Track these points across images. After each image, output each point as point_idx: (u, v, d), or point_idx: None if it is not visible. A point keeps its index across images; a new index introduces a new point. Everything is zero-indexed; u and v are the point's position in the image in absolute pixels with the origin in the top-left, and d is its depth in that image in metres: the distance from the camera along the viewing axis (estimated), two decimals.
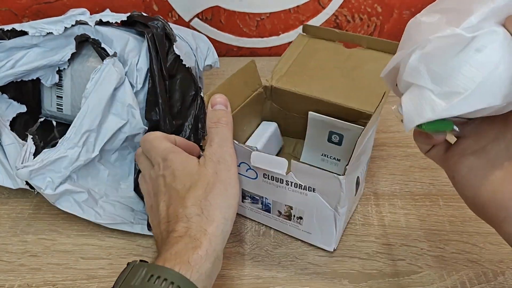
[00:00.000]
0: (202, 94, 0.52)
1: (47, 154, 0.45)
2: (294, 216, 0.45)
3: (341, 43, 0.55)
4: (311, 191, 0.41)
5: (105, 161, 0.51)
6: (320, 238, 0.45)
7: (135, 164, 0.51)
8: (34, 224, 0.50)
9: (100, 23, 0.52)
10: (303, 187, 0.41)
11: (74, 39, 0.50)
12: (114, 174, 0.51)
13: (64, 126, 0.56)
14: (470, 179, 0.32)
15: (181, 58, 0.50)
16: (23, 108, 0.54)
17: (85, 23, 0.51)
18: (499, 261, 0.45)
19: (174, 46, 0.51)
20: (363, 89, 0.50)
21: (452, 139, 0.34)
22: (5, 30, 0.50)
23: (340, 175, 0.39)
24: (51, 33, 0.49)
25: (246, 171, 0.43)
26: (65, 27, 0.50)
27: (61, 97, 0.54)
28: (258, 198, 0.46)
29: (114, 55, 0.48)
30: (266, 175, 0.43)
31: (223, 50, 0.79)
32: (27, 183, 0.47)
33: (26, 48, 0.50)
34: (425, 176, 0.55)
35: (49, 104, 0.55)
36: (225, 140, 0.38)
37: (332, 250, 0.45)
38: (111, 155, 0.51)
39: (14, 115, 0.53)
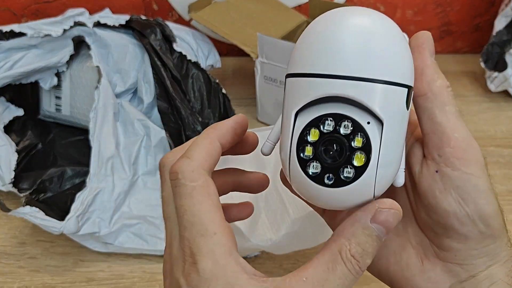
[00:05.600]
0: (223, 91, 0.51)
1: (82, 197, 0.43)
2: None
3: None
4: None
5: (152, 185, 0.48)
6: None
7: None
8: (33, 226, 0.49)
9: (98, 24, 0.51)
10: None
11: (72, 40, 0.50)
12: None
13: (62, 127, 0.56)
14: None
15: (184, 54, 0.50)
16: (20, 112, 0.53)
17: (84, 25, 0.50)
18: None
19: (174, 45, 0.51)
20: None
21: None
22: (3, 31, 0.50)
23: None
24: (50, 34, 0.49)
25: None
26: (64, 29, 0.49)
27: (60, 97, 0.54)
28: None
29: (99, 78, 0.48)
30: None
31: (224, 50, 0.78)
32: (14, 186, 0.46)
33: (24, 49, 0.50)
34: None
35: (48, 104, 0.55)
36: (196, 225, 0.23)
37: None
38: (155, 175, 0.49)
39: (11, 118, 0.53)
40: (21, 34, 0.50)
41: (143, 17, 0.54)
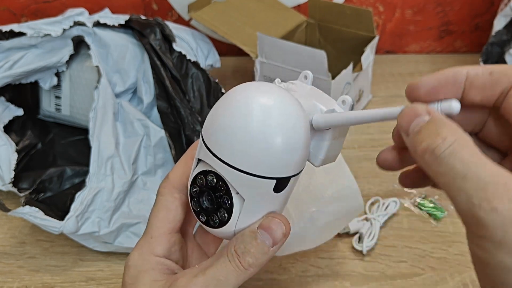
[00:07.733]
0: (223, 90, 0.52)
1: (82, 197, 0.43)
2: None
3: None
4: None
5: (151, 185, 0.48)
6: None
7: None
8: (32, 225, 0.49)
9: (98, 24, 0.51)
10: None
11: (72, 40, 0.50)
12: None
13: (61, 127, 0.56)
14: None
15: (183, 53, 0.50)
16: (20, 112, 0.53)
17: (83, 24, 0.50)
18: None
19: (174, 45, 0.51)
20: None
21: None
22: (3, 31, 0.50)
23: None
24: (49, 34, 0.49)
25: None
26: (64, 29, 0.49)
27: (60, 97, 0.54)
28: None
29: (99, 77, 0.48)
30: None
31: (223, 49, 0.78)
32: (14, 185, 0.46)
33: (24, 49, 0.50)
34: None
35: (47, 104, 0.55)
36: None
37: None
38: (154, 175, 0.49)
39: (11, 118, 0.52)
40: (20, 34, 0.50)
41: (143, 17, 0.54)
